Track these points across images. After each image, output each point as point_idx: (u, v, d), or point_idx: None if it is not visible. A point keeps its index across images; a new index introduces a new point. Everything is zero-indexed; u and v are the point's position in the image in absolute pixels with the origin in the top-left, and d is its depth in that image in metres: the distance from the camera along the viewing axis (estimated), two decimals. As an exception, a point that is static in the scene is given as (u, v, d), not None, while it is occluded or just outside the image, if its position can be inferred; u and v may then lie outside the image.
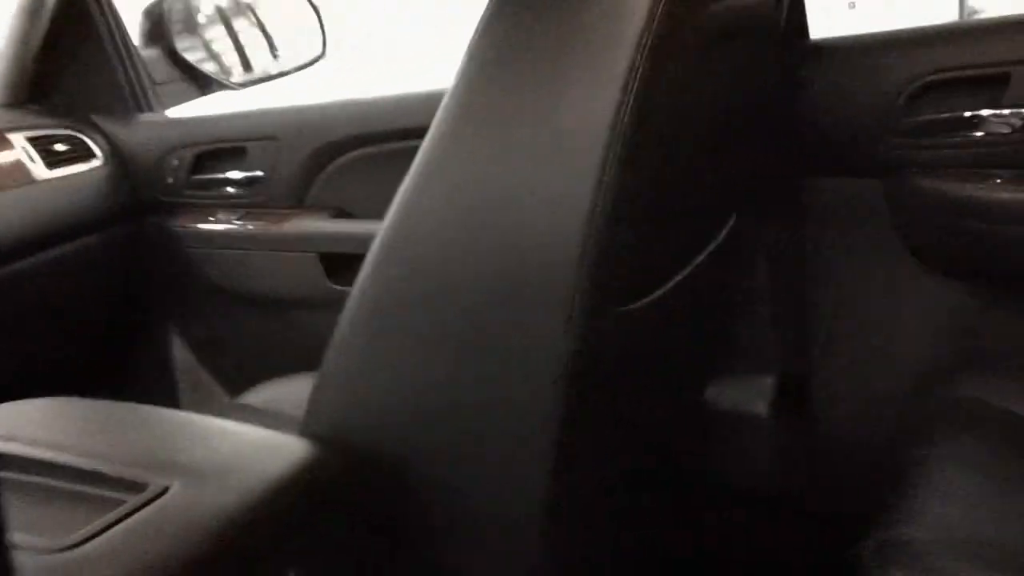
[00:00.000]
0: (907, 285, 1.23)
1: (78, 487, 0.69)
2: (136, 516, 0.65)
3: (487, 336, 0.81)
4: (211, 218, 1.54)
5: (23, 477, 0.70)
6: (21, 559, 0.54)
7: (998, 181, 1.20)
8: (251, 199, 1.52)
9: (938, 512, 0.91)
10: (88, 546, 0.62)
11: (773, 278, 1.21)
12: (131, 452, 0.75)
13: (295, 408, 0.91)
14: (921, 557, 0.83)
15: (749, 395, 1.23)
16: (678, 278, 0.93)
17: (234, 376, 1.56)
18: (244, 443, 0.80)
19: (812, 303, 1.26)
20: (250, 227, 1.51)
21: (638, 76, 0.74)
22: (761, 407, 1.23)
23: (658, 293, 0.90)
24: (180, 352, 1.60)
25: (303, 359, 1.47)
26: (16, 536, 0.47)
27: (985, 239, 1.20)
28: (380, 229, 0.84)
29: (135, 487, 0.68)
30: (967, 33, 1.25)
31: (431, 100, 0.84)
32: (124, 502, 0.66)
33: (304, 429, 0.86)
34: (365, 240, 0.86)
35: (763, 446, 1.24)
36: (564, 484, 0.83)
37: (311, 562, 0.75)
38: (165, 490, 0.68)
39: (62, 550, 0.62)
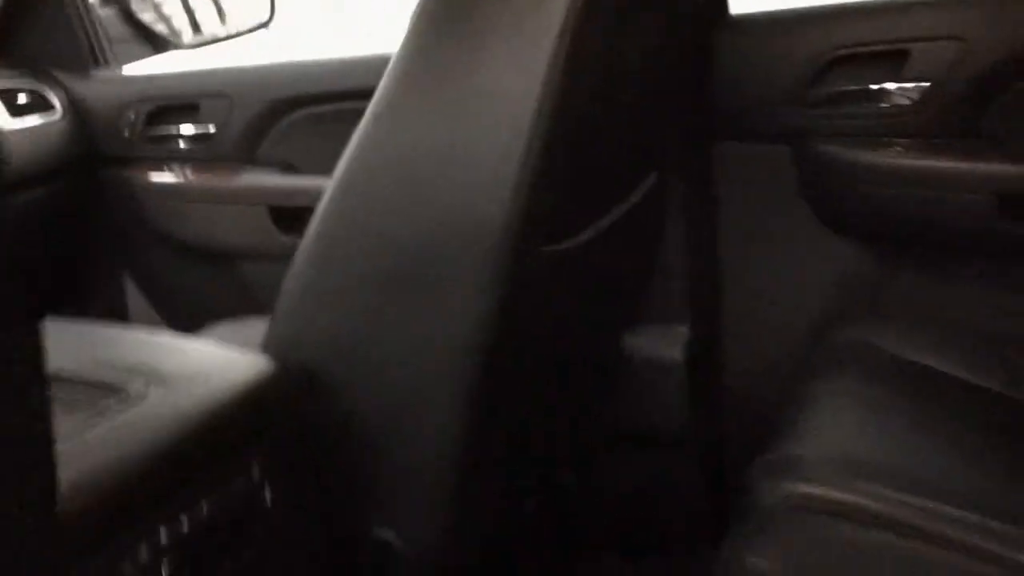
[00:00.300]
0: (809, 243, 1.36)
1: (61, 394, 0.77)
2: (120, 416, 0.74)
3: (422, 277, 0.91)
4: (165, 171, 1.61)
5: None
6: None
7: (898, 149, 1.32)
8: (204, 154, 1.59)
9: (824, 435, 1.03)
10: (79, 439, 0.71)
11: (688, 234, 1.33)
12: (108, 360, 0.83)
13: (243, 345, 1.00)
14: (805, 470, 0.96)
15: (664, 343, 1.35)
16: (600, 224, 1.03)
17: (186, 323, 1.64)
18: (212, 356, 0.89)
19: (723, 257, 1.38)
20: (203, 180, 1.58)
21: (567, 37, 0.84)
22: (675, 353, 1.35)
23: (582, 236, 1.00)
24: (133, 299, 1.67)
25: (253, 306, 1.56)
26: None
27: (883, 202, 1.33)
28: (328, 183, 0.93)
29: (115, 391, 0.77)
30: (871, 12, 1.37)
31: (378, 63, 0.93)
32: (108, 404, 0.75)
33: (262, 350, 0.95)
34: (313, 194, 0.95)
35: (675, 390, 1.36)
36: (485, 415, 0.93)
37: (272, 459, 0.85)
38: (145, 393, 0.77)
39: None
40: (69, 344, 0.84)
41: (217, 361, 0.86)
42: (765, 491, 0.92)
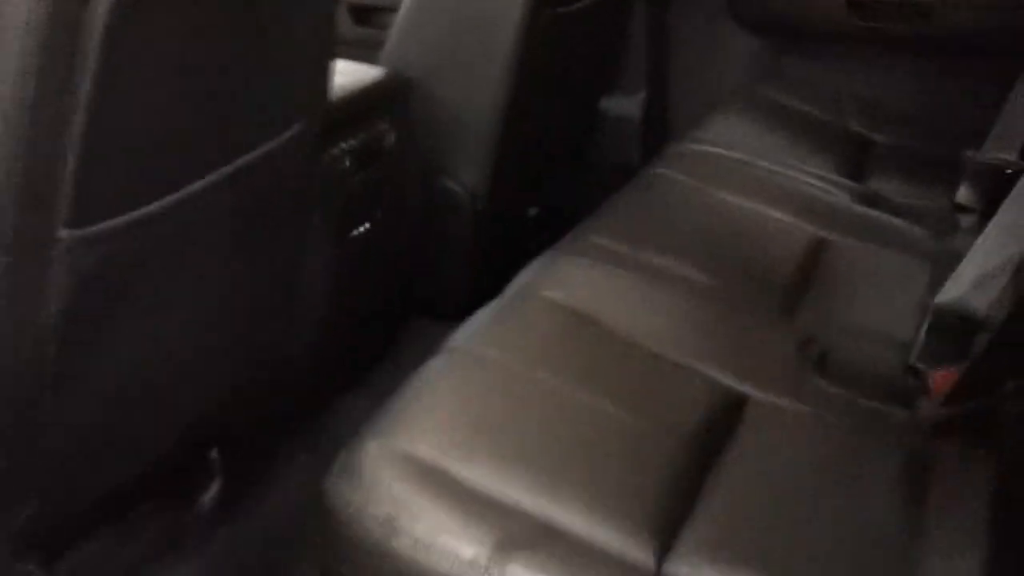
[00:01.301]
0: (726, 33, 1.96)
1: None
2: None
3: (477, 26, 1.51)
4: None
5: None
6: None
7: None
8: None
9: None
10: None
11: (648, 16, 1.94)
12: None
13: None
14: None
15: (627, 103, 1.97)
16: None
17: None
18: (354, 68, 1.50)
19: (671, 40, 1.99)
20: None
21: None
22: (635, 111, 1.97)
23: (580, 4, 1.57)
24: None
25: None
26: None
27: (775, 4, 1.92)
28: None
29: None
30: None
31: None
32: None
33: (381, 64, 1.56)
34: None
35: (634, 138, 1.99)
36: (514, 113, 1.55)
37: (392, 121, 1.47)
38: None
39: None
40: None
41: (357, 70, 1.45)
42: None
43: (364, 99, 1.45)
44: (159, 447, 1.14)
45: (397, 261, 1.61)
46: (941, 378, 0.95)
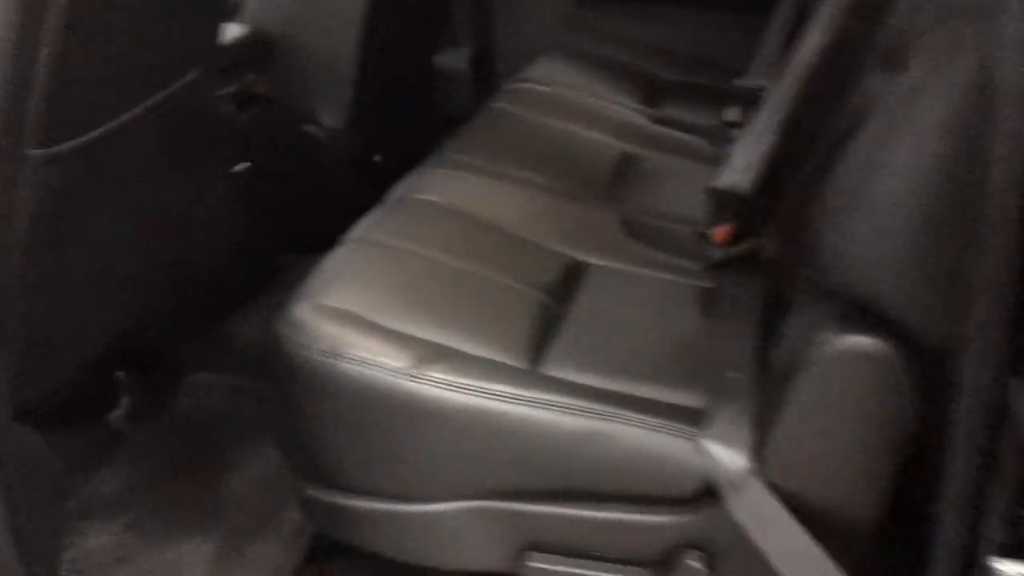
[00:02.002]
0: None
1: None
2: None
3: None
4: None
5: None
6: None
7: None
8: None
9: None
10: None
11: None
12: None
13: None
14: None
15: (456, 57, 2.25)
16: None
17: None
18: (229, 28, 1.70)
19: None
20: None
21: None
22: (462, 65, 2.25)
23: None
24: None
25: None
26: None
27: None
28: None
29: None
30: None
31: None
32: None
33: (242, 23, 1.76)
34: None
35: (464, 87, 2.26)
36: (371, 60, 1.80)
37: (260, 69, 1.68)
38: None
39: None
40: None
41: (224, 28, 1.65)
42: None
43: (235, 53, 1.66)
44: (89, 349, 1.32)
45: (274, 200, 1.82)
46: (720, 232, 1.30)
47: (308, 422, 1.08)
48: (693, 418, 1.02)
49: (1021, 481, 0.77)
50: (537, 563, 1.03)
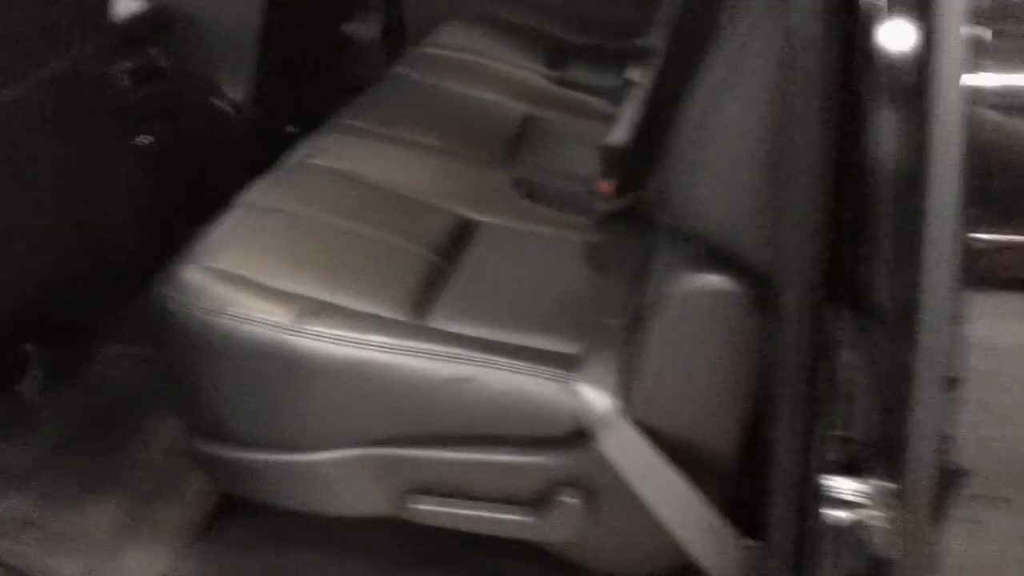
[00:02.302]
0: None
1: None
2: None
3: None
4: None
5: None
6: None
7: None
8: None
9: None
10: None
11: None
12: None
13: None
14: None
15: (367, 27, 2.26)
16: None
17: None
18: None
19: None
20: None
21: None
22: (373, 34, 2.26)
23: None
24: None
25: None
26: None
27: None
28: None
29: None
30: None
31: None
32: None
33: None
34: None
35: (373, 57, 2.28)
36: (273, 38, 1.80)
37: (166, 44, 1.68)
38: None
39: None
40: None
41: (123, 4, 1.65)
42: None
43: (134, 27, 1.66)
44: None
45: (183, 173, 1.83)
46: (606, 186, 1.34)
47: (194, 379, 1.11)
48: (568, 363, 1.06)
49: (848, 402, 0.82)
50: (419, 505, 1.07)
